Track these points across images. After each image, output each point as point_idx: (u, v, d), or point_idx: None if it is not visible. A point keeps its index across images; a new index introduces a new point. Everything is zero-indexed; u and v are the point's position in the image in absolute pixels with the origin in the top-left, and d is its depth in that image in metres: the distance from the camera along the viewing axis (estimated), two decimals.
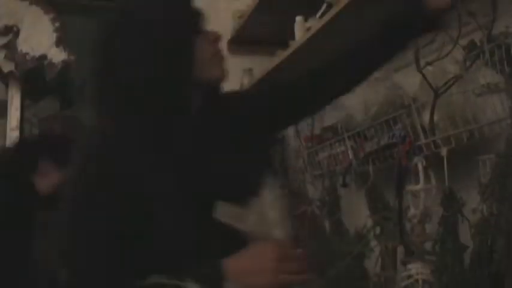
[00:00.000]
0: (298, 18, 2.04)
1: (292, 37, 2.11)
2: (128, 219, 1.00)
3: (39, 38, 2.63)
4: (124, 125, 1.09)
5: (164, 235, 1.01)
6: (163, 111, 1.08)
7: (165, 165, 1.04)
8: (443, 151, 1.41)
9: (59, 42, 2.62)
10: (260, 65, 2.50)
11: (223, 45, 1.20)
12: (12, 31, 2.67)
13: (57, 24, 2.64)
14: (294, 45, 1.99)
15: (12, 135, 2.79)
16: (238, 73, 2.55)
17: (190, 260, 0.99)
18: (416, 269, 1.42)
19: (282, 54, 2.12)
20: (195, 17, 1.16)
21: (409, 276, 1.42)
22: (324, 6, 1.79)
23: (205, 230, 1.01)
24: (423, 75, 1.27)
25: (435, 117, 1.43)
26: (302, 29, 2.01)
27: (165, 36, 1.09)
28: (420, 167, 1.47)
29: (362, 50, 1.30)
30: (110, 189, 1.02)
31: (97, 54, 1.14)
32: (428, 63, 1.27)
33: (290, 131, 2.40)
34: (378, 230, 1.70)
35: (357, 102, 1.68)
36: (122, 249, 1.00)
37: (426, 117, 1.46)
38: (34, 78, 2.70)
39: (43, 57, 2.62)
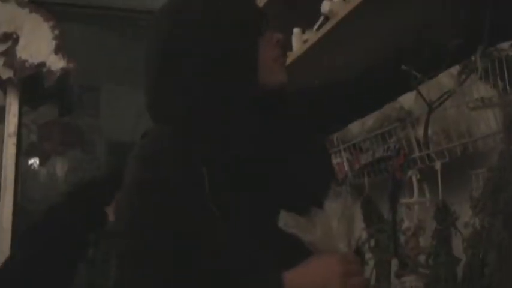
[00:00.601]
0: (296, 30, 2.04)
1: (290, 48, 2.12)
2: (186, 228, 0.96)
3: (39, 45, 2.64)
4: (184, 131, 1.03)
5: (223, 245, 0.96)
6: (225, 118, 1.03)
7: (225, 172, 0.99)
8: (437, 165, 1.42)
9: (58, 50, 2.62)
10: None
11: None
12: (11, 38, 2.68)
13: (56, 32, 2.65)
14: (291, 56, 1.99)
15: (10, 141, 2.79)
16: None
17: (249, 271, 0.95)
18: (410, 282, 1.42)
19: None
20: (258, 18, 1.10)
21: None
22: (320, 19, 1.80)
23: (266, 240, 0.97)
24: (418, 91, 1.28)
25: (429, 131, 1.44)
26: (299, 40, 2.01)
27: (228, 39, 1.04)
28: (414, 180, 1.48)
29: None
30: (167, 195, 0.97)
31: (156, 59, 1.08)
32: (423, 79, 1.28)
33: None
34: (372, 242, 1.70)
35: None
36: (181, 259, 0.96)
37: (421, 130, 1.47)
38: (32, 85, 2.71)
39: (42, 64, 2.62)
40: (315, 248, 0.98)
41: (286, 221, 0.96)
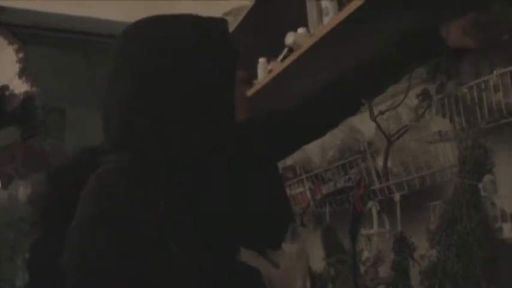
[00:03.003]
0: (261, 60, 2.07)
1: (255, 76, 2.14)
2: (141, 265, 0.94)
3: (2, 68, 2.61)
4: (147, 163, 0.99)
5: (181, 278, 0.95)
6: (197, 155, 1.01)
7: (185, 208, 0.98)
8: (397, 196, 1.44)
9: (21, 73, 2.60)
10: None
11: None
12: None
13: (20, 55, 2.63)
14: (256, 85, 2.01)
15: None
16: None
17: None
18: None
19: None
20: (236, 57, 1.07)
21: None
22: (285, 50, 1.82)
23: (224, 277, 0.96)
24: (377, 124, 1.31)
25: (389, 163, 1.46)
26: (264, 70, 2.04)
27: (208, 78, 1.01)
28: (374, 211, 1.50)
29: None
30: (123, 230, 0.94)
31: (128, 88, 1.02)
32: (382, 113, 1.31)
33: None
34: (332, 272, 1.71)
35: (315, 145, 1.71)
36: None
37: (381, 162, 1.50)
38: None
39: (5, 87, 2.60)
40: (273, 285, 0.98)
41: (247, 257, 0.96)
